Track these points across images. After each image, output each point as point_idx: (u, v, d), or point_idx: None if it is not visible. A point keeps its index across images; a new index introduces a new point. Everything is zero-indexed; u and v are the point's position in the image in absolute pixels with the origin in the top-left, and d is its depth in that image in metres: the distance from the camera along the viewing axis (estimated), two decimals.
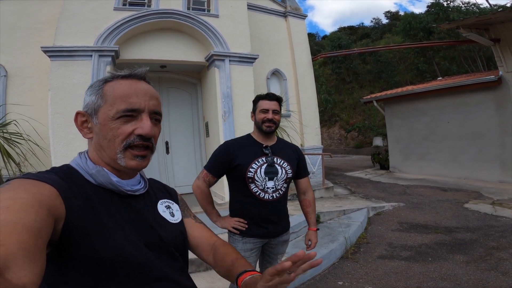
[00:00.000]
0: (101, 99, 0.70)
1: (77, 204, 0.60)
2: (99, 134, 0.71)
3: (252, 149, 1.75)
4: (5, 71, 5.02)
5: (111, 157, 0.70)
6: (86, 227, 0.60)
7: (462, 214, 4.73)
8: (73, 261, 0.58)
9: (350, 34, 32.37)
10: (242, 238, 1.73)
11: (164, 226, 0.79)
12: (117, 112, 0.69)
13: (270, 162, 1.71)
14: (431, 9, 22.94)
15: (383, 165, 10.39)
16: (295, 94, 7.61)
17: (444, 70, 18.95)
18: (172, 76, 6.32)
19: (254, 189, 1.70)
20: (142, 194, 0.78)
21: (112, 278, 0.62)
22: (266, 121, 1.74)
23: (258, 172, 1.68)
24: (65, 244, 0.56)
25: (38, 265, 0.44)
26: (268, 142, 1.79)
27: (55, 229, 0.54)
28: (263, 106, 1.76)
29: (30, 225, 0.46)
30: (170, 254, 0.77)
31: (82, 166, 0.70)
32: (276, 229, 1.77)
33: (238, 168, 1.69)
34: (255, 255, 1.77)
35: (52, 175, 0.63)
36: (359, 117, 21.83)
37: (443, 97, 8.31)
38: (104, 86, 0.72)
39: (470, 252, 3.33)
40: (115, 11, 4.94)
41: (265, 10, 7.54)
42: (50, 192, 0.56)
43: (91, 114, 0.72)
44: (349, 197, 6.20)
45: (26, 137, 4.55)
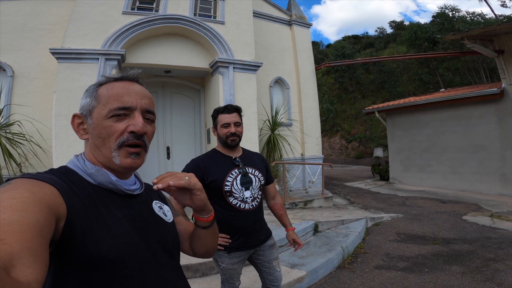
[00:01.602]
0: (95, 100, 0.73)
1: (78, 204, 0.61)
2: (93, 134, 0.73)
3: (223, 163, 1.76)
4: (12, 71, 5.08)
5: (106, 157, 0.72)
6: (88, 226, 0.61)
7: (460, 226, 4.73)
8: (75, 260, 0.58)
9: (354, 43, 32.62)
10: (229, 254, 1.73)
11: (162, 226, 0.81)
12: (110, 111, 0.71)
13: (243, 172, 1.74)
14: (436, 19, 23.18)
15: (383, 176, 10.39)
16: (297, 103, 7.65)
17: (448, 81, 19.01)
18: (176, 82, 6.38)
19: (234, 201, 1.71)
20: (139, 194, 0.79)
21: (113, 277, 0.63)
22: (229, 135, 1.75)
23: (235, 184, 1.70)
24: (66, 243, 0.57)
25: (41, 263, 0.45)
26: (236, 154, 1.82)
27: (57, 228, 0.55)
28: (224, 120, 1.76)
29: (32, 223, 0.46)
30: (168, 253, 0.79)
31: (80, 167, 0.71)
32: (259, 237, 1.79)
33: (213, 184, 1.69)
34: (242, 263, 1.80)
35: (51, 175, 0.63)
36: (361, 127, 21.85)
37: (445, 109, 8.34)
38: (99, 88, 0.75)
39: (467, 263, 3.34)
40: (123, 15, 5.03)
41: (271, 18, 7.63)
42: (51, 191, 0.56)
43: (86, 115, 0.74)
44: (348, 207, 6.20)
45: (29, 138, 4.59)
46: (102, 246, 0.61)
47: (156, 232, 0.77)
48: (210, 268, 3.12)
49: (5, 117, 4.82)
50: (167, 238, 0.81)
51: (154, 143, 6.07)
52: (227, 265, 1.74)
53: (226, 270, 1.76)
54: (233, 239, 1.71)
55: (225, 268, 1.75)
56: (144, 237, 0.72)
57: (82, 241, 0.59)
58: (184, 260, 3.02)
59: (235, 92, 5.59)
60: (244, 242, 1.73)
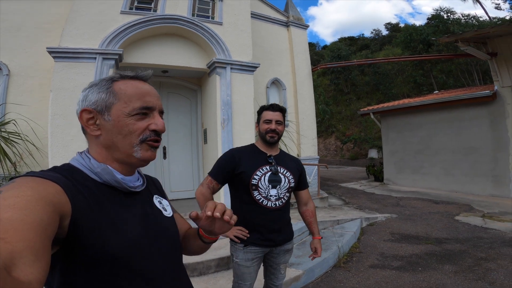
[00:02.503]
0: (113, 97, 0.73)
1: (83, 201, 0.61)
2: (112, 131, 0.73)
3: (257, 157, 1.79)
4: (8, 70, 5.03)
5: (125, 152, 0.73)
6: (93, 224, 0.61)
7: (453, 226, 4.83)
8: (83, 258, 0.59)
9: (350, 45, 32.79)
10: (244, 248, 1.73)
11: (163, 220, 0.82)
12: (133, 109, 0.73)
13: (274, 170, 1.75)
14: (431, 21, 23.35)
15: (377, 177, 10.51)
16: (293, 104, 7.68)
17: (441, 83, 19.24)
18: (173, 82, 6.38)
19: (257, 196, 1.72)
20: (142, 190, 0.80)
21: (120, 273, 0.63)
22: (269, 131, 1.78)
23: (262, 179, 1.71)
24: (73, 241, 0.57)
25: (43, 262, 0.45)
26: (272, 152, 1.83)
27: (62, 226, 0.55)
28: (267, 116, 1.80)
29: (36, 222, 0.46)
30: (172, 247, 0.81)
31: (85, 164, 0.71)
32: (278, 238, 1.77)
33: (242, 175, 1.72)
34: (256, 264, 1.77)
35: (55, 173, 0.63)
36: (356, 128, 22.02)
37: (438, 111, 8.47)
38: (113, 84, 0.75)
39: (459, 263, 3.42)
40: (121, 14, 5.00)
41: (268, 19, 7.66)
42: (55, 190, 0.56)
43: (101, 111, 0.73)
44: (343, 207, 6.27)
45: (24, 137, 4.56)
46: (109, 244, 0.62)
47: (159, 227, 0.78)
48: (208, 268, 3.15)
49: (0, 116, 4.79)
50: (170, 233, 0.82)
51: None
52: (240, 261, 1.73)
53: (239, 267, 1.75)
54: (250, 233, 1.72)
55: (238, 264, 1.74)
56: (149, 232, 0.73)
57: (89, 239, 0.59)
58: None
59: (232, 93, 5.60)
60: (260, 238, 1.72)
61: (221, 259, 3.20)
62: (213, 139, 5.70)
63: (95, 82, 0.77)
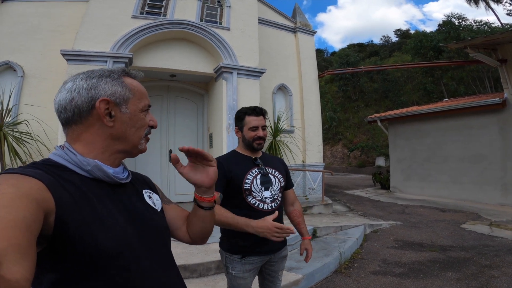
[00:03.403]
0: (129, 91, 0.76)
1: (67, 197, 0.60)
2: (127, 123, 0.75)
3: (243, 162, 1.73)
4: (23, 71, 5.22)
5: (133, 144, 0.77)
6: (80, 220, 0.60)
7: (459, 234, 4.76)
8: (72, 255, 0.58)
9: (359, 51, 32.79)
10: (242, 259, 1.63)
11: (153, 215, 0.81)
12: (144, 106, 0.79)
13: (263, 172, 1.70)
14: (442, 27, 23.13)
15: (383, 185, 10.41)
16: (299, 110, 7.69)
17: (452, 91, 19.00)
18: (180, 86, 6.49)
19: (252, 200, 1.65)
20: (128, 183, 0.80)
21: (111, 269, 0.62)
22: (257, 138, 1.71)
23: (254, 182, 1.66)
24: (60, 238, 0.56)
25: (29, 260, 0.44)
26: (256, 155, 1.78)
27: (47, 223, 0.53)
28: (252, 123, 1.71)
29: (19, 219, 0.45)
30: (161, 241, 0.80)
31: (69, 160, 0.68)
32: (277, 243, 1.67)
33: (233, 181, 1.65)
34: (253, 275, 1.70)
35: (36, 169, 0.61)
36: (363, 136, 21.87)
37: (447, 119, 8.38)
38: (125, 79, 0.77)
39: (462, 270, 3.37)
40: (132, 18, 5.17)
41: (275, 25, 7.75)
42: (37, 186, 0.54)
43: (119, 103, 0.73)
44: (347, 214, 6.22)
45: (35, 137, 4.70)
46: (98, 239, 0.60)
47: (148, 221, 0.77)
48: (208, 269, 3.15)
49: (13, 116, 4.95)
50: (159, 227, 0.82)
51: (157, 146, 6.16)
52: (237, 273, 1.63)
53: (235, 279, 1.64)
54: (248, 242, 1.60)
55: (235, 276, 1.64)
56: (137, 226, 0.72)
57: (76, 235, 0.58)
58: (181, 261, 3.10)
59: (238, 98, 5.66)
60: (260, 246, 1.62)
61: (221, 261, 3.20)
62: (218, 144, 5.76)
63: (102, 72, 0.76)
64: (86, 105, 0.70)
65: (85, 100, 0.70)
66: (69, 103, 0.71)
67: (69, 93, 0.71)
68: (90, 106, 0.70)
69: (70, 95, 0.71)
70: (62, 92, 0.72)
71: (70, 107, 0.71)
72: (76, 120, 0.71)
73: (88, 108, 0.71)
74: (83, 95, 0.71)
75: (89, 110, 0.71)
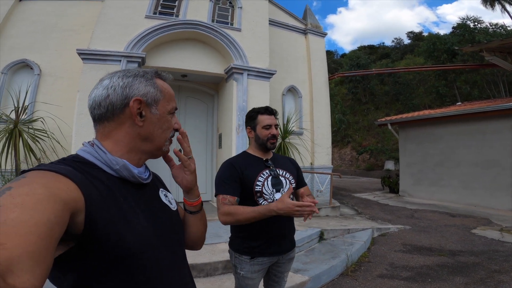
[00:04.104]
0: (160, 93, 0.77)
1: (96, 195, 0.60)
2: (155, 124, 0.75)
3: (254, 163, 1.70)
4: (39, 70, 5.37)
5: (158, 145, 0.78)
6: (108, 218, 0.60)
7: (469, 239, 4.70)
8: (99, 254, 0.58)
9: (369, 54, 32.45)
10: (251, 260, 1.61)
11: (169, 214, 0.82)
12: (172, 108, 0.80)
13: (274, 174, 1.68)
14: (456, 30, 22.71)
15: (392, 189, 10.29)
16: (309, 112, 7.67)
17: (465, 94, 18.65)
18: (191, 86, 6.55)
19: (263, 202, 1.62)
20: (149, 183, 0.80)
21: (134, 268, 0.63)
22: (271, 137, 1.69)
23: (265, 184, 1.64)
24: (89, 237, 0.56)
25: (43, 267, 0.43)
26: (266, 156, 1.76)
27: (75, 222, 0.54)
28: (266, 121, 1.70)
29: (41, 223, 0.45)
30: (178, 242, 0.82)
31: (99, 158, 0.69)
32: (287, 244, 1.70)
33: (245, 182, 1.63)
34: (261, 275, 1.68)
35: (66, 166, 0.61)
36: (373, 139, 21.64)
37: (460, 123, 8.23)
38: (156, 81, 0.78)
39: (471, 275, 3.34)
40: (146, 18, 5.26)
41: (286, 26, 7.76)
42: (66, 186, 0.55)
43: (150, 103, 0.74)
44: (355, 217, 6.19)
45: (50, 135, 4.83)
46: (125, 238, 0.61)
47: (165, 221, 0.78)
48: (215, 269, 3.17)
49: (29, 114, 5.09)
50: (175, 227, 0.83)
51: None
52: (246, 273, 1.62)
53: (243, 279, 1.64)
54: (257, 243, 1.61)
55: (243, 276, 1.63)
56: (157, 226, 0.73)
57: (104, 234, 0.58)
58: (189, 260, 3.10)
59: (248, 99, 5.68)
60: (269, 247, 1.62)
61: (228, 262, 3.18)
62: (227, 144, 5.79)
63: (137, 72, 0.77)
64: (120, 103, 0.71)
65: (120, 98, 0.72)
66: (104, 99, 0.72)
67: (105, 90, 0.72)
68: (124, 104, 0.72)
69: (106, 92, 0.72)
70: (99, 89, 0.74)
71: (104, 104, 0.72)
72: (109, 117, 0.72)
73: (122, 106, 0.71)
74: (118, 93, 0.72)
75: (122, 108, 0.72)
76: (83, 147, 0.72)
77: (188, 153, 0.88)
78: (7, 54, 5.23)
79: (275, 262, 1.70)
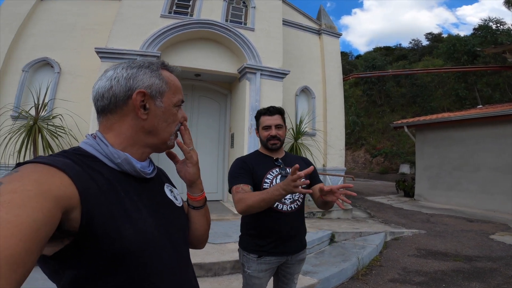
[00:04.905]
0: (165, 85, 0.74)
1: (95, 190, 0.58)
2: (160, 117, 0.73)
3: (264, 162, 1.70)
4: (59, 68, 5.55)
5: (163, 139, 0.76)
6: (107, 214, 0.58)
7: (486, 245, 4.55)
8: (98, 251, 0.56)
9: (385, 55, 31.82)
10: (258, 258, 1.60)
11: (174, 211, 0.80)
12: (178, 100, 0.78)
13: (284, 173, 1.66)
14: (478, 31, 22.02)
15: (407, 193, 10.04)
16: (322, 113, 7.59)
17: (486, 97, 18.02)
18: (204, 85, 6.61)
19: None
20: (153, 177, 0.78)
21: (134, 266, 0.61)
22: (270, 138, 1.69)
23: (274, 183, 1.62)
24: (86, 233, 0.55)
25: (20, 272, 0.41)
26: (278, 155, 1.76)
27: (70, 218, 0.52)
28: (265, 122, 1.70)
29: (26, 224, 0.43)
30: (182, 240, 0.79)
31: (100, 151, 0.67)
32: (296, 245, 1.67)
33: (254, 180, 1.62)
34: (269, 275, 1.66)
35: (65, 159, 0.59)
36: (387, 142, 21.19)
37: (481, 127, 7.95)
38: (162, 72, 0.76)
39: (488, 280, 3.22)
40: (161, 18, 5.35)
41: (300, 26, 7.71)
42: (60, 181, 0.52)
43: (154, 96, 0.72)
44: (368, 220, 6.06)
45: (68, 131, 4.98)
46: (124, 235, 0.59)
47: (170, 217, 0.76)
48: (223, 269, 3.15)
49: (48, 110, 5.27)
50: (180, 223, 0.81)
51: None
52: (252, 272, 1.61)
53: (250, 278, 1.63)
54: (265, 242, 1.59)
55: (250, 275, 1.62)
56: (160, 223, 0.71)
57: (102, 230, 0.56)
58: (198, 259, 3.14)
59: (261, 99, 5.67)
60: (277, 247, 1.60)
61: (236, 262, 3.15)
62: (239, 144, 5.79)
63: (142, 63, 0.75)
64: (123, 95, 0.69)
65: (123, 89, 0.69)
66: (107, 91, 0.70)
67: (108, 81, 0.70)
68: (127, 96, 0.69)
69: (110, 83, 0.70)
70: (102, 80, 0.72)
71: (107, 95, 0.70)
72: (111, 109, 0.70)
73: (125, 98, 0.69)
74: (121, 84, 0.70)
75: (125, 100, 0.69)
76: (86, 140, 0.70)
77: (189, 144, 0.85)
78: (29, 53, 5.44)
79: (284, 262, 1.67)
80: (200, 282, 0.87)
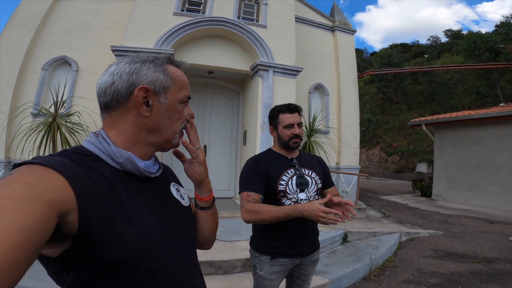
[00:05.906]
0: (170, 80, 0.71)
1: (94, 189, 0.57)
2: (163, 114, 0.70)
3: (279, 162, 1.65)
4: (77, 66, 5.69)
5: (167, 137, 0.73)
6: (107, 216, 0.57)
7: (506, 246, 4.40)
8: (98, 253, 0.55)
9: (402, 52, 31.02)
10: (271, 260, 1.56)
11: (180, 210, 0.78)
12: (184, 97, 0.74)
13: (299, 174, 1.61)
14: (499, 28, 21.23)
15: (424, 192, 9.76)
16: (336, 111, 7.46)
17: (509, 95, 17.26)
18: (217, 83, 6.63)
19: (287, 202, 1.57)
20: (158, 176, 0.76)
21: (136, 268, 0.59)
22: (293, 137, 1.63)
23: (290, 184, 1.58)
24: (86, 236, 0.53)
25: (5, 282, 0.40)
26: (292, 155, 1.70)
27: (68, 222, 0.51)
28: (287, 120, 1.64)
29: (15, 232, 0.42)
30: (188, 240, 0.77)
31: (102, 150, 0.65)
32: (310, 247, 1.64)
33: (269, 181, 1.58)
34: (281, 277, 1.62)
35: (64, 158, 0.58)
36: (404, 140, 20.66)
37: (503, 126, 7.61)
38: (167, 67, 0.73)
39: (506, 283, 3.12)
40: (174, 15, 5.39)
41: (313, 23, 7.60)
42: (55, 183, 0.51)
43: (158, 92, 0.69)
44: (382, 220, 5.94)
45: (85, 128, 5.11)
46: (124, 237, 0.57)
47: (175, 217, 0.74)
48: (233, 267, 3.14)
49: (67, 108, 5.42)
50: (186, 223, 0.78)
51: None
52: (265, 274, 1.57)
53: (262, 280, 1.58)
54: (279, 243, 1.56)
55: (262, 276, 1.58)
56: (165, 224, 0.69)
57: (102, 233, 0.55)
58: (208, 256, 3.14)
59: (273, 96, 5.64)
60: (291, 249, 1.57)
61: (247, 260, 3.16)
62: (252, 141, 5.79)
63: (146, 57, 0.72)
64: (125, 91, 0.67)
65: (125, 85, 0.67)
66: (109, 86, 0.68)
67: (111, 76, 0.69)
68: (129, 92, 0.67)
69: (112, 78, 0.68)
70: (105, 75, 0.70)
71: (110, 91, 0.68)
72: (114, 106, 0.68)
73: (127, 94, 0.67)
74: (124, 80, 0.68)
75: (127, 96, 0.67)
76: (88, 138, 0.68)
77: (195, 143, 0.81)
78: (48, 51, 5.60)
79: (299, 264, 1.64)
80: (210, 280, 0.86)
